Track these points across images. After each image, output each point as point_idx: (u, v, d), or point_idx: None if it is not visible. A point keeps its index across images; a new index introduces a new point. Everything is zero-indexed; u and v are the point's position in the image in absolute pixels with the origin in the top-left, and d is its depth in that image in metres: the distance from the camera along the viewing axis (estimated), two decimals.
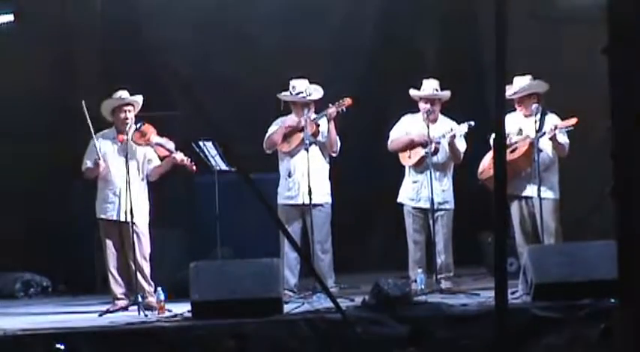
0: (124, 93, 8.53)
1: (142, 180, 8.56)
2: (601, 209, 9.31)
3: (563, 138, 8.47)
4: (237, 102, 10.76)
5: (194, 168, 8.58)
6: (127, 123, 8.42)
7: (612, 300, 6.87)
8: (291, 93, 8.78)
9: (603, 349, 6.96)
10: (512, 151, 8.52)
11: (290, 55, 10.47)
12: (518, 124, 8.60)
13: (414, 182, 8.79)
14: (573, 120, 8.35)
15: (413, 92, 8.79)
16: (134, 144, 8.44)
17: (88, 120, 8.29)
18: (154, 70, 10.58)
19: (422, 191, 8.73)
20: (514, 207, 8.61)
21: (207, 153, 9.30)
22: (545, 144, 8.52)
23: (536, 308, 7.40)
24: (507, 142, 8.38)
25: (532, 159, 8.42)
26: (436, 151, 8.66)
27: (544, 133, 8.42)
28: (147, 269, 8.46)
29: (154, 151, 8.58)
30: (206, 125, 9.22)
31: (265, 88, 9.47)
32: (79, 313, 8.48)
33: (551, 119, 8.49)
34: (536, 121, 8.41)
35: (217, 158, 9.31)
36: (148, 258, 8.47)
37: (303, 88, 8.74)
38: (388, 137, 8.93)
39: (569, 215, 8.81)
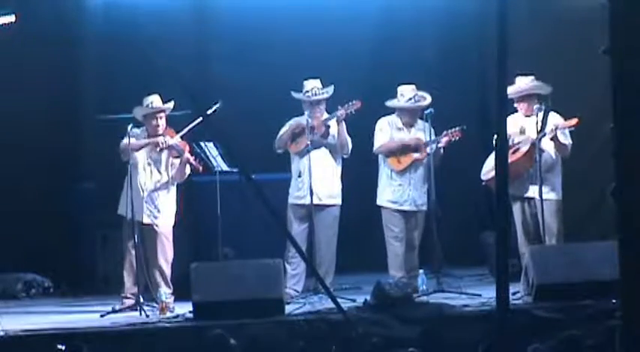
0: (155, 100, 8.58)
1: (169, 183, 8.60)
2: (602, 209, 9.34)
3: (565, 139, 8.44)
4: (246, 103, 10.76)
5: (200, 168, 8.62)
6: (159, 130, 8.51)
7: (614, 301, 6.87)
8: (304, 94, 8.83)
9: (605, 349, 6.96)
10: (514, 152, 8.50)
11: (294, 57, 10.47)
12: (520, 125, 8.58)
13: (400, 185, 8.78)
14: (574, 121, 8.29)
15: (390, 103, 8.84)
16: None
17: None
18: (155, 70, 10.55)
19: (406, 193, 8.73)
20: (516, 208, 8.58)
21: (208, 153, 9.30)
22: (548, 145, 8.48)
23: (537, 308, 7.40)
24: (509, 143, 8.38)
25: (534, 160, 8.40)
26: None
27: (545, 134, 8.39)
28: (167, 272, 8.50)
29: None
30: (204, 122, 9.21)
31: (274, 89, 9.52)
32: (81, 314, 8.49)
33: (554, 118, 8.45)
34: (537, 122, 8.39)
35: (218, 158, 9.31)
36: (169, 261, 8.51)
37: (310, 87, 8.78)
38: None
39: (571, 215, 8.78)
